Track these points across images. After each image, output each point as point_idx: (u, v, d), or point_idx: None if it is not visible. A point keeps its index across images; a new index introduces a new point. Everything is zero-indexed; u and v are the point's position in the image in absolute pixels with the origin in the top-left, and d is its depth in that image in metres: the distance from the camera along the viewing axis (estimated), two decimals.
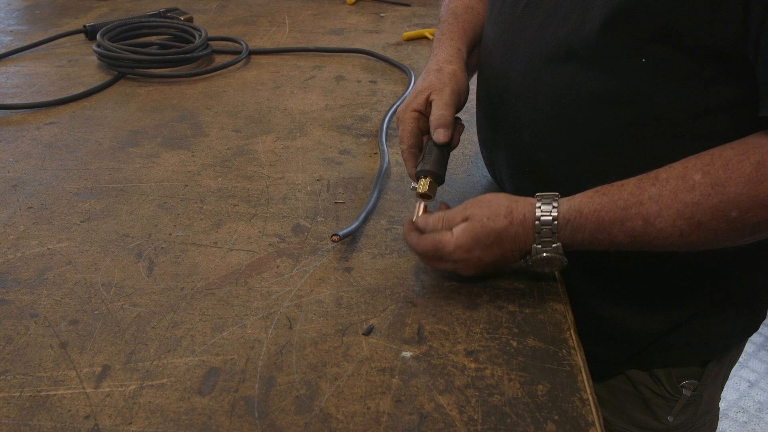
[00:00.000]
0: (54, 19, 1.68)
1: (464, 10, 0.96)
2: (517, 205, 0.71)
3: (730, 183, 0.63)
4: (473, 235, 0.71)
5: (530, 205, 0.71)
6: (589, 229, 0.69)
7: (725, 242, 0.68)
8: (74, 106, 1.20)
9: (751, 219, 0.64)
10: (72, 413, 0.61)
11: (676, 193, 0.65)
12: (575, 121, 0.76)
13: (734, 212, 0.63)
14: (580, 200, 0.70)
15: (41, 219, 0.88)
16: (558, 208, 0.70)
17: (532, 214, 0.70)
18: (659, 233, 0.67)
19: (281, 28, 1.65)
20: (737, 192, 0.63)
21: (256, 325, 0.71)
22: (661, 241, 0.67)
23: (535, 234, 0.71)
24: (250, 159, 1.03)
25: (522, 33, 0.80)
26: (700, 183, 0.64)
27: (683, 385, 0.90)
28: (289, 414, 0.61)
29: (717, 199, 0.63)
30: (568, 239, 0.71)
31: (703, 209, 0.64)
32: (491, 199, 0.73)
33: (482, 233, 0.71)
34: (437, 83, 0.83)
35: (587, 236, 0.70)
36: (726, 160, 0.64)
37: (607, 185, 0.69)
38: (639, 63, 0.69)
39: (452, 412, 0.62)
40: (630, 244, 0.69)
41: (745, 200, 0.63)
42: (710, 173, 0.64)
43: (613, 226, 0.68)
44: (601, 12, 0.69)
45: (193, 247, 0.83)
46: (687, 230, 0.65)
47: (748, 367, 2.35)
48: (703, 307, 0.84)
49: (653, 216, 0.66)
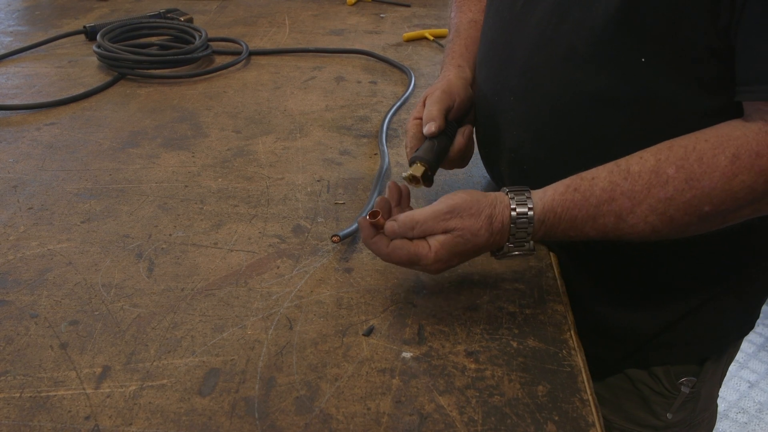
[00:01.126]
0: (54, 19, 1.68)
1: (468, 25, 0.97)
2: (495, 211, 0.69)
3: (704, 178, 0.63)
4: (453, 250, 0.69)
5: (506, 208, 0.69)
6: (562, 227, 0.69)
7: (693, 233, 0.68)
8: (74, 107, 1.20)
9: (722, 212, 0.64)
10: (72, 414, 0.61)
11: (650, 188, 0.65)
12: (575, 120, 0.76)
13: (707, 207, 0.64)
14: (552, 197, 0.69)
15: (41, 220, 0.88)
16: (533, 209, 0.69)
17: (509, 218, 0.69)
18: (631, 229, 0.67)
19: (281, 29, 1.65)
20: (711, 186, 0.63)
21: (256, 326, 0.71)
22: (631, 236, 0.68)
23: (510, 235, 0.70)
24: (251, 160, 1.04)
25: (520, 32, 0.80)
26: (674, 178, 0.64)
27: (681, 383, 0.90)
28: (290, 414, 0.61)
29: (690, 194, 0.63)
30: (541, 237, 0.71)
31: (677, 204, 0.64)
32: (471, 206, 0.69)
33: (463, 248, 0.69)
34: (431, 90, 0.87)
35: (559, 233, 0.70)
36: (700, 154, 0.63)
37: (578, 178, 0.69)
38: (639, 62, 0.69)
39: (452, 413, 0.62)
40: (600, 238, 0.69)
41: (718, 194, 0.63)
42: (684, 168, 0.64)
43: (585, 224, 0.68)
44: (602, 11, 0.69)
45: (193, 248, 0.83)
46: (659, 226, 0.66)
47: (748, 367, 2.35)
48: (699, 305, 0.84)
49: (626, 212, 0.66)
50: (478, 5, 0.98)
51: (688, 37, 0.66)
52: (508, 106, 0.83)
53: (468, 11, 0.99)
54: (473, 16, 0.98)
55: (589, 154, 0.76)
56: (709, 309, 0.84)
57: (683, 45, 0.66)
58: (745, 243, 0.81)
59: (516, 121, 0.82)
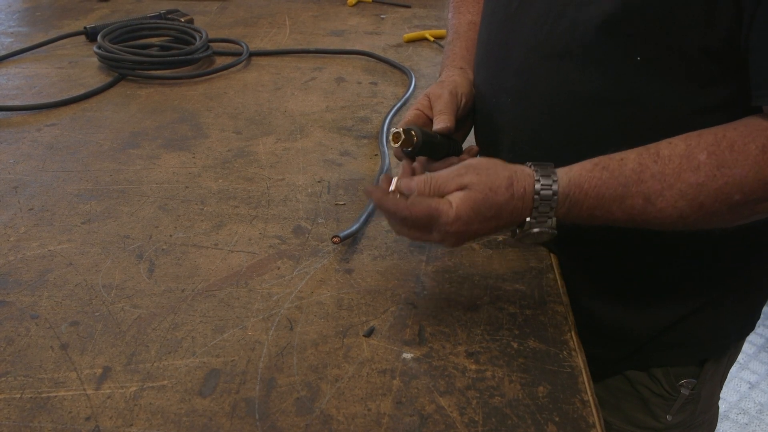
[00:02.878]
0: (55, 20, 1.68)
1: (467, 27, 0.97)
2: (517, 176, 0.66)
3: (736, 165, 0.62)
4: (474, 207, 0.65)
5: (529, 177, 0.66)
6: (588, 205, 0.66)
7: (720, 224, 0.67)
8: (75, 108, 1.21)
9: (752, 201, 0.63)
10: (73, 415, 0.61)
11: (680, 172, 0.63)
12: (570, 119, 0.76)
13: (737, 195, 0.62)
14: (579, 173, 0.66)
15: (42, 220, 0.88)
16: (558, 182, 0.66)
17: (532, 186, 0.66)
18: (659, 213, 0.65)
19: (282, 30, 1.65)
20: (743, 174, 0.62)
21: (256, 327, 0.71)
22: (659, 221, 0.66)
23: (532, 208, 0.66)
24: (251, 160, 1.04)
25: (516, 32, 0.80)
26: (705, 163, 0.63)
27: (681, 385, 0.90)
28: (290, 415, 0.61)
29: (722, 181, 0.62)
30: (564, 214, 0.67)
31: (708, 190, 0.63)
32: (489, 166, 0.67)
33: (484, 205, 0.65)
34: (437, 90, 0.86)
35: (584, 212, 0.67)
36: (731, 141, 0.62)
37: (606, 158, 0.66)
38: (634, 62, 0.69)
39: (453, 414, 0.62)
40: (626, 222, 0.67)
41: (750, 183, 0.62)
42: (716, 154, 0.62)
43: (612, 204, 0.66)
44: (597, 11, 0.69)
45: (193, 249, 0.83)
46: (687, 211, 0.64)
47: (749, 368, 2.35)
48: (699, 306, 0.84)
49: (655, 195, 0.64)
50: (476, 7, 0.98)
51: (682, 37, 0.66)
52: (505, 107, 0.83)
53: (467, 13, 0.99)
54: (472, 18, 0.98)
55: (585, 154, 0.76)
56: (709, 310, 0.84)
57: (677, 45, 0.66)
58: (746, 244, 0.81)
59: (512, 122, 0.82)
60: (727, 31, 0.63)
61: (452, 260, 0.82)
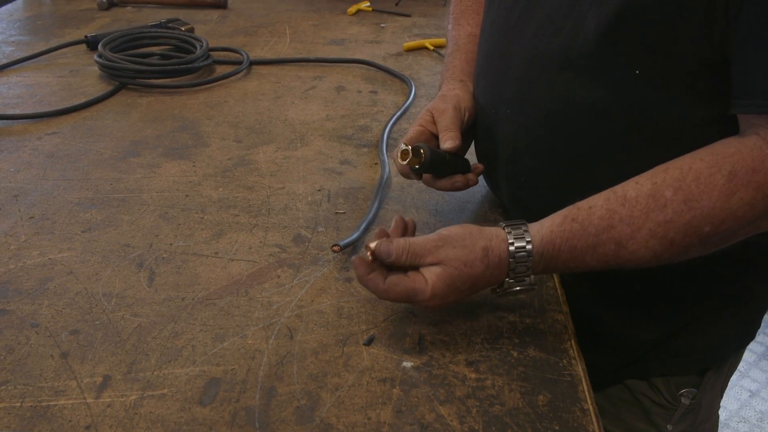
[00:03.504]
0: (56, 29, 1.69)
1: (467, 39, 0.97)
2: (491, 244, 0.67)
3: (702, 198, 0.62)
4: (449, 283, 0.66)
5: (503, 242, 0.67)
6: (562, 259, 0.67)
7: (695, 255, 0.67)
8: (75, 117, 1.21)
9: (723, 232, 0.63)
10: (73, 423, 0.61)
11: (648, 213, 0.64)
12: (570, 130, 0.76)
13: (707, 227, 0.63)
14: (550, 229, 0.67)
15: (42, 229, 0.88)
16: (531, 242, 0.67)
17: (506, 252, 0.67)
18: (632, 255, 0.65)
19: (282, 39, 1.66)
20: (710, 206, 0.62)
21: (256, 335, 0.71)
22: (633, 263, 0.66)
23: (509, 270, 0.68)
24: (251, 169, 1.04)
25: (516, 43, 0.80)
26: (672, 200, 0.63)
27: (682, 394, 0.90)
28: (290, 424, 0.61)
29: (690, 215, 0.63)
30: (541, 271, 0.69)
31: (676, 227, 0.63)
32: (464, 237, 0.67)
33: (459, 280, 0.66)
34: (441, 105, 0.87)
35: (559, 265, 0.68)
36: (697, 174, 0.63)
37: (574, 208, 0.67)
38: (633, 74, 0.69)
39: (453, 423, 0.62)
40: (602, 267, 0.68)
41: (718, 213, 0.62)
42: (682, 189, 0.63)
43: (585, 254, 0.67)
44: (595, 23, 0.69)
45: (194, 257, 0.83)
46: (660, 250, 0.65)
47: (749, 376, 2.35)
48: (699, 316, 0.84)
49: (626, 239, 0.65)
50: (476, 19, 0.99)
51: (681, 49, 0.66)
52: (504, 117, 0.83)
53: (466, 25, 1.00)
54: (471, 30, 0.98)
55: (585, 165, 0.76)
56: (710, 320, 0.84)
57: (676, 57, 0.67)
58: (746, 254, 0.81)
59: (512, 133, 0.82)
60: (720, 43, 0.64)
61: None
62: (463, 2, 1.02)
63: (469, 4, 1.01)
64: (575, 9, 0.72)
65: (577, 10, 0.71)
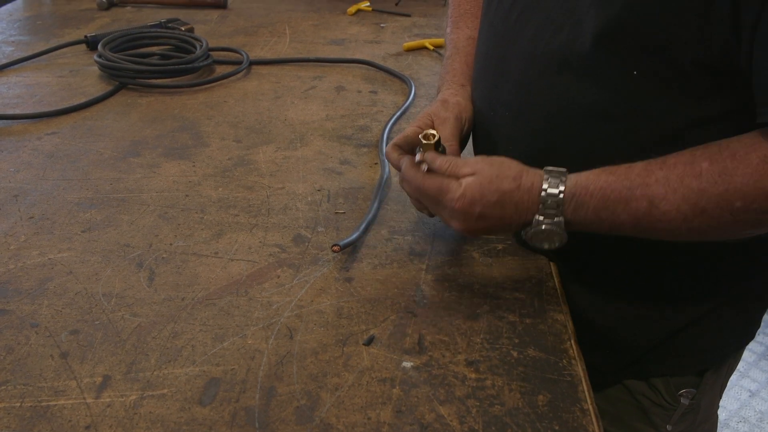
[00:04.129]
0: (55, 29, 1.69)
1: (466, 43, 0.97)
2: (527, 172, 0.71)
3: (737, 173, 0.63)
4: (480, 189, 0.70)
5: (539, 176, 0.70)
6: (593, 206, 0.68)
7: (725, 233, 0.68)
8: (75, 117, 1.21)
9: (754, 210, 0.64)
10: (72, 423, 0.61)
11: (683, 178, 0.65)
12: (568, 133, 0.76)
13: (738, 202, 0.63)
14: (587, 177, 0.69)
15: (42, 229, 0.88)
16: (566, 183, 0.69)
17: (539, 184, 0.70)
18: (662, 216, 0.66)
19: (282, 39, 1.66)
20: (743, 182, 0.63)
21: (256, 336, 0.71)
22: (663, 225, 0.67)
23: (539, 205, 0.70)
24: (251, 169, 1.04)
25: (514, 45, 0.80)
26: (708, 171, 0.64)
27: (681, 394, 0.90)
28: (290, 424, 0.61)
29: (723, 188, 0.63)
30: (572, 214, 0.70)
31: (709, 196, 0.64)
32: (502, 161, 0.72)
33: (488, 189, 0.70)
34: (442, 112, 0.87)
35: (590, 213, 0.69)
36: (734, 151, 0.64)
37: (615, 166, 0.69)
38: (630, 76, 0.69)
39: (453, 423, 0.62)
40: (632, 227, 0.68)
41: (750, 191, 0.63)
42: (718, 162, 0.64)
43: (617, 205, 0.67)
44: (593, 25, 0.69)
45: (193, 257, 0.83)
46: (690, 216, 0.65)
47: (749, 376, 2.35)
48: (699, 316, 0.84)
49: (658, 198, 0.66)
50: (474, 22, 0.99)
51: (677, 51, 0.66)
52: (502, 120, 0.83)
53: (465, 28, 0.99)
54: (470, 33, 0.98)
55: (583, 166, 0.76)
56: (710, 320, 0.84)
57: (672, 59, 0.67)
58: (745, 255, 0.81)
59: (510, 135, 0.82)
60: (721, 46, 0.64)
61: (452, 269, 0.82)
62: (461, 6, 1.02)
63: (468, 8, 1.01)
64: (574, 11, 0.72)
65: (576, 12, 0.71)
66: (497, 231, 0.75)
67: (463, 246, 0.86)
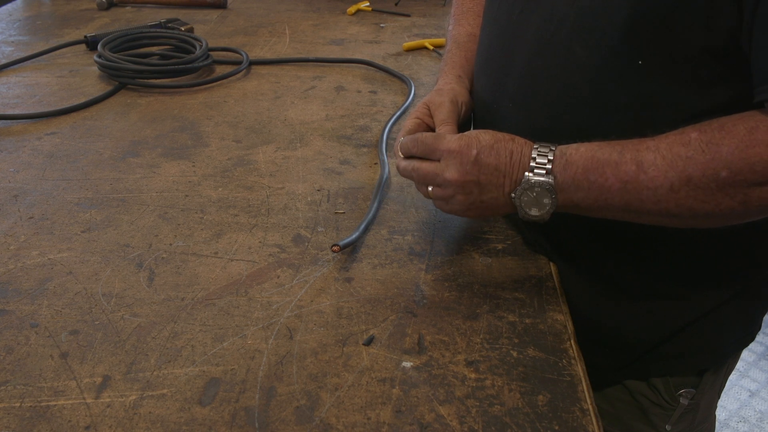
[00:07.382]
0: (55, 29, 1.69)
1: (467, 38, 0.98)
2: (517, 137, 0.73)
3: (723, 143, 0.63)
4: (476, 134, 0.73)
5: (527, 143, 0.73)
6: (583, 165, 0.69)
7: (714, 216, 0.67)
8: (75, 117, 1.21)
9: (740, 183, 0.64)
10: (72, 424, 0.61)
11: (672, 145, 0.66)
12: (572, 124, 0.76)
13: (724, 172, 0.64)
14: (578, 143, 0.71)
15: (42, 229, 0.88)
16: (556, 146, 0.71)
17: (530, 145, 0.72)
18: (650, 182, 0.66)
19: (281, 39, 1.66)
20: (729, 151, 0.63)
21: (256, 336, 0.71)
22: (650, 192, 0.67)
23: (532, 159, 0.71)
24: (251, 169, 1.04)
25: (519, 38, 0.80)
26: (696, 139, 0.65)
27: (680, 394, 0.90)
28: (290, 424, 0.61)
29: (709, 156, 0.64)
30: (561, 173, 0.70)
31: (695, 163, 0.64)
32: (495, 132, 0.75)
33: (484, 134, 0.73)
34: (437, 98, 0.87)
35: (580, 172, 0.69)
36: (722, 123, 0.65)
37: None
38: (637, 66, 0.69)
39: (452, 423, 0.62)
40: (620, 192, 0.68)
41: (736, 160, 0.63)
42: (706, 132, 0.65)
43: (606, 167, 0.68)
44: (599, 16, 0.69)
45: (193, 258, 0.83)
46: (677, 183, 0.65)
47: (749, 376, 2.35)
48: (699, 317, 0.84)
49: (647, 163, 0.66)
50: (476, 19, 0.99)
51: (684, 39, 0.66)
52: (506, 113, 0.83)
53: (467, 25, 1.00)
54: (472, 30, 0.99)
55: None
56: (710, 320, 0.84)
57: (679, 47, 0.67)
58: (746, 253, 0.81)
59: (514, 127, 0.82)
60: (728, 30, 0.64)
61: (452, 269, 0.82)
62: (464, 4, 1.03)
63: (471, 6, 1.02)
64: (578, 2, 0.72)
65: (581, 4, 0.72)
66: (490, 189, 0.73)
67: (463, 246, 0.87)
